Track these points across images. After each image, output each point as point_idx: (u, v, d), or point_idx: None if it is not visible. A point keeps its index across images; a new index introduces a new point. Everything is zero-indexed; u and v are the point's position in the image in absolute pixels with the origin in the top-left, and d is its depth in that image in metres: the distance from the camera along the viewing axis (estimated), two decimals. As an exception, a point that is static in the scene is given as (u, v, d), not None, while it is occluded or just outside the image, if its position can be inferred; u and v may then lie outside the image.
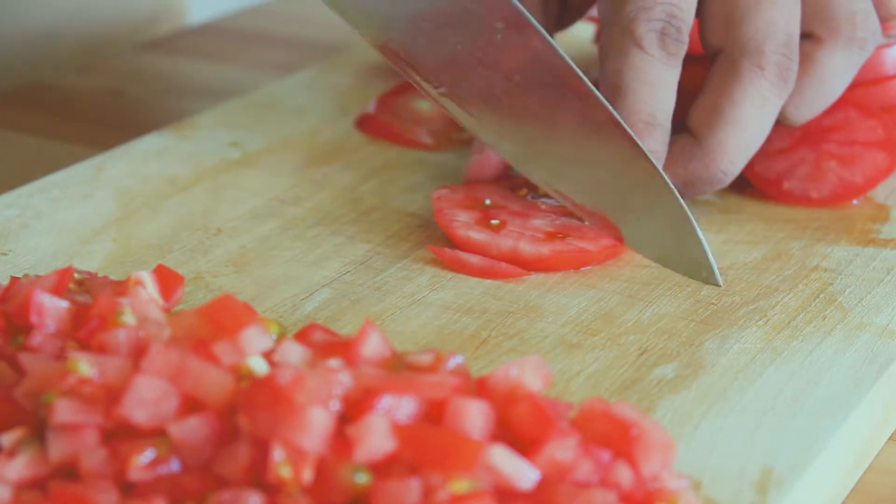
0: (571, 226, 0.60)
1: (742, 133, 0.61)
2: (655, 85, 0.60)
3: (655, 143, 0.60)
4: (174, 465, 0.41)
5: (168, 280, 0.50)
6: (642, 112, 0.59)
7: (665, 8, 0.59)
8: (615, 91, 0.60)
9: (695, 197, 0.63)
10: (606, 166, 0.58)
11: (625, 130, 0.57)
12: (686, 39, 0.60)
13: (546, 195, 0.62)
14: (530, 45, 0.57)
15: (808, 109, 0.63)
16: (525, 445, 0.42)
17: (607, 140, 0.58)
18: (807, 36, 0.62)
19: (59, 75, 0.88)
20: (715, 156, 0.61)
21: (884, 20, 0.66)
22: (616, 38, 0.60)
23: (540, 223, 0.60)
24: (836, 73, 0.62)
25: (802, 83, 0.62)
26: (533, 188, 0.63)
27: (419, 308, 0.55)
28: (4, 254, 0.59)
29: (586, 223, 0.60)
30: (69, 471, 0.42)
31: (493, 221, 0.60)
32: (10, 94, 0.85)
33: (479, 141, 0.63)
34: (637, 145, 0.57)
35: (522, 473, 0.41)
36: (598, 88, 0.59)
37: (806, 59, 0.62)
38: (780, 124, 0.65)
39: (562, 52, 0.57)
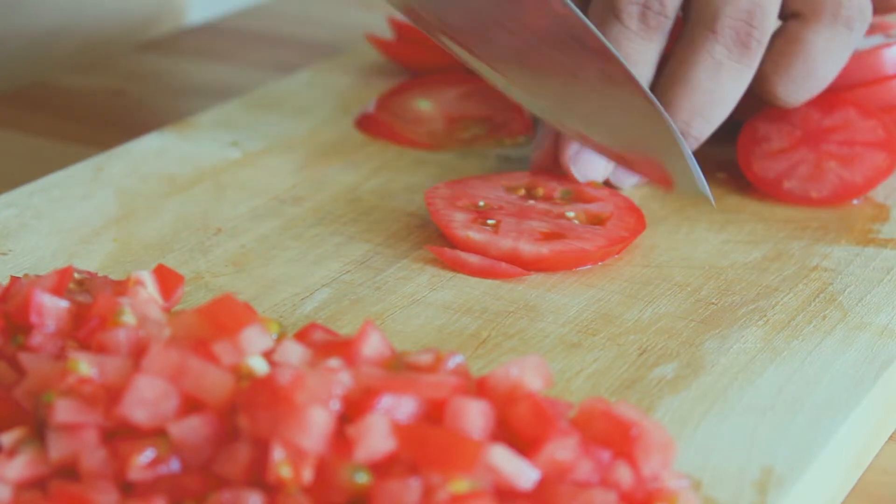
0: (567, 226, 0.60)
1: (693, 94, 0.61)
2: (630, 59, 0.61)
3: None
4: (174, 465, 0.41)
5: (168, 280, 0.51)
6: None
7: None
8: None
9: None
10: (623, 114, 0.60)
11: (636, 83, 0.58)
12: (670, 14, 0.61)
13: (542, 197, 0.62)
14: (551, 7, 0.57)
15: (799, 90, 0.63)
16: (525, 445, 0.42)
17: (622, 92, 0.59)
18: (794, 15, 0.63)
19: (59, 75, 0.88)
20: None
21: (879, 12, 0.66)
22: (599, 9, 0.62)
23: (536, 224, 0.60)
24: (824, 53, 0.63)
25: (789, 62, 0.63)
26: (530, 188, 0.63)
27: (419, 308, 0.55)
28: (4, 254, 0.59)
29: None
30: (69, 471, 0.42)
31: (490, 221, 0.60)
32: (10, 94, 0.85)
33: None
34: (646, 96, 0.58)
35: (522, 473, 0.41)
36: None
37: (793, 39, 0.63)
38: (782, 121, 0.65)
39: (579, 13, 0.58)
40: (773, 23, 0.62)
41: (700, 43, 0.61)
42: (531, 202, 0.62)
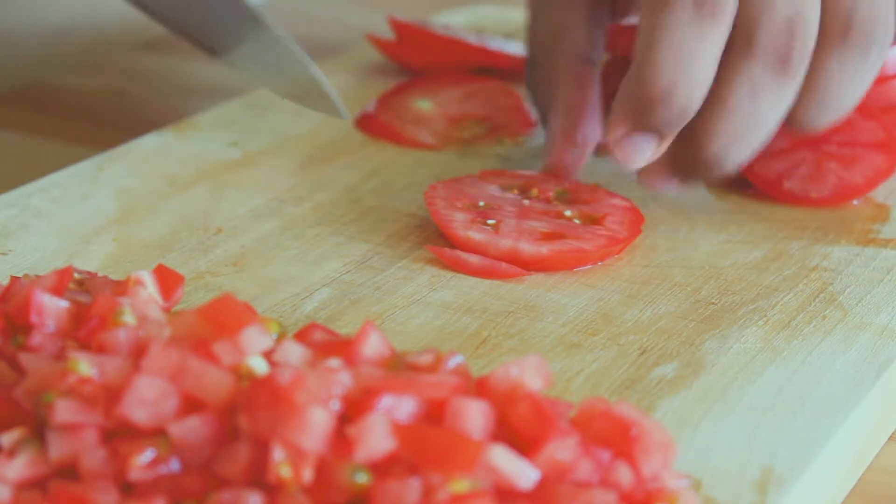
0: (567, 226, 0.60)
1: (731, 118, 0.58)
2: (684, 51, 0.57)
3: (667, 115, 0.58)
4: (174, 465, 0.41)
5: (168, 280, 0.50)
6: (660, 79, 0.57)
7: None
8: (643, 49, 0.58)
9: (694, 184, 0.62)
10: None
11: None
12: (728, 10, 0.57)
13: (538, 197, 0.62)
14: None
15: (817, 114, 0.60)
16: (525, 445, 0.42)
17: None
18: None
19: (60, 75, 0.88)
20: (701, 140, 0.59)
21: None
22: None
23: (536, 224, 0.60)
24: (838, 76, 0.60)
25: (805, 85, 0.60)
26: (524, 189, 0.63)
27: (419, 308, 0.55)
28: (4, 254, 0.59)
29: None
30: (69, 471, 0.42)
31: (490, 221, 0.60)
32: (10, 94, 0.85)
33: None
34: None
35: (522, 473, 0.41)
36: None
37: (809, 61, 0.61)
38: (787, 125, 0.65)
39: None
40: (814, 32, 0.58)
41: (737, 62, 0.58)
42: (528, 202, 0.62)
